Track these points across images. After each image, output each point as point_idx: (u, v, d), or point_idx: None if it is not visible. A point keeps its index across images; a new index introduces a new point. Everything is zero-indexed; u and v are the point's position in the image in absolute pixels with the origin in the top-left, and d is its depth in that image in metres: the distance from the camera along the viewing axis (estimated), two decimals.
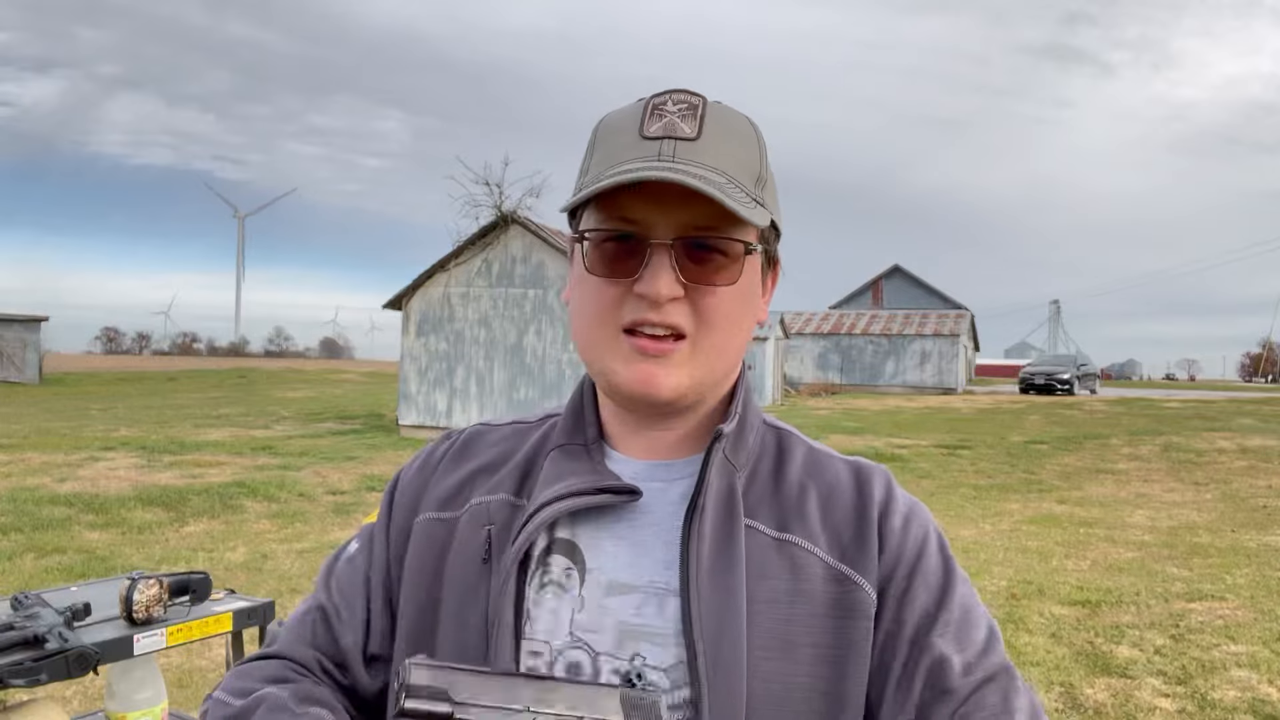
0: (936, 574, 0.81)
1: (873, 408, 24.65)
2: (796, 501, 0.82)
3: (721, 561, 0.77)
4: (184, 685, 4.46)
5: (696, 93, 0.80)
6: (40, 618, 1.88)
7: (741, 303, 0.81)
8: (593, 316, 0.80)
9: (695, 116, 0.78)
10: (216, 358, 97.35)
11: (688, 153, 0.76)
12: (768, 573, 0.78)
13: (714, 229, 0.77)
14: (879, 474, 0.87)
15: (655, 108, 0.79)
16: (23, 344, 31.20)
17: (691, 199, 0.74)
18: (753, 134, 0.83)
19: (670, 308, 0.76)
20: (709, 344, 0.79)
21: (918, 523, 0.83)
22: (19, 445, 13.29)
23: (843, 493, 0.84)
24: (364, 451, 13.97)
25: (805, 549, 0.80)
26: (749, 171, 0.80)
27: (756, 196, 0.79)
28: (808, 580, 0.78)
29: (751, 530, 0.80)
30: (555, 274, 16.51)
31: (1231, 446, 14.53)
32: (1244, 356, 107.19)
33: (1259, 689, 4.55)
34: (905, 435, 16.96)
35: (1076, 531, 8.63)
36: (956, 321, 38.15)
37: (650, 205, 0.76)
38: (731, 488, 0.81)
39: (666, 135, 0.77)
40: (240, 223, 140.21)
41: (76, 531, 8.00)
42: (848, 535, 0.81)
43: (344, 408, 23.37)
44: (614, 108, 0.85)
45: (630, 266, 0.77)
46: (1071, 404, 24.96)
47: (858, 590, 0.78)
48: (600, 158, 0.80)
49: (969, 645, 0.79)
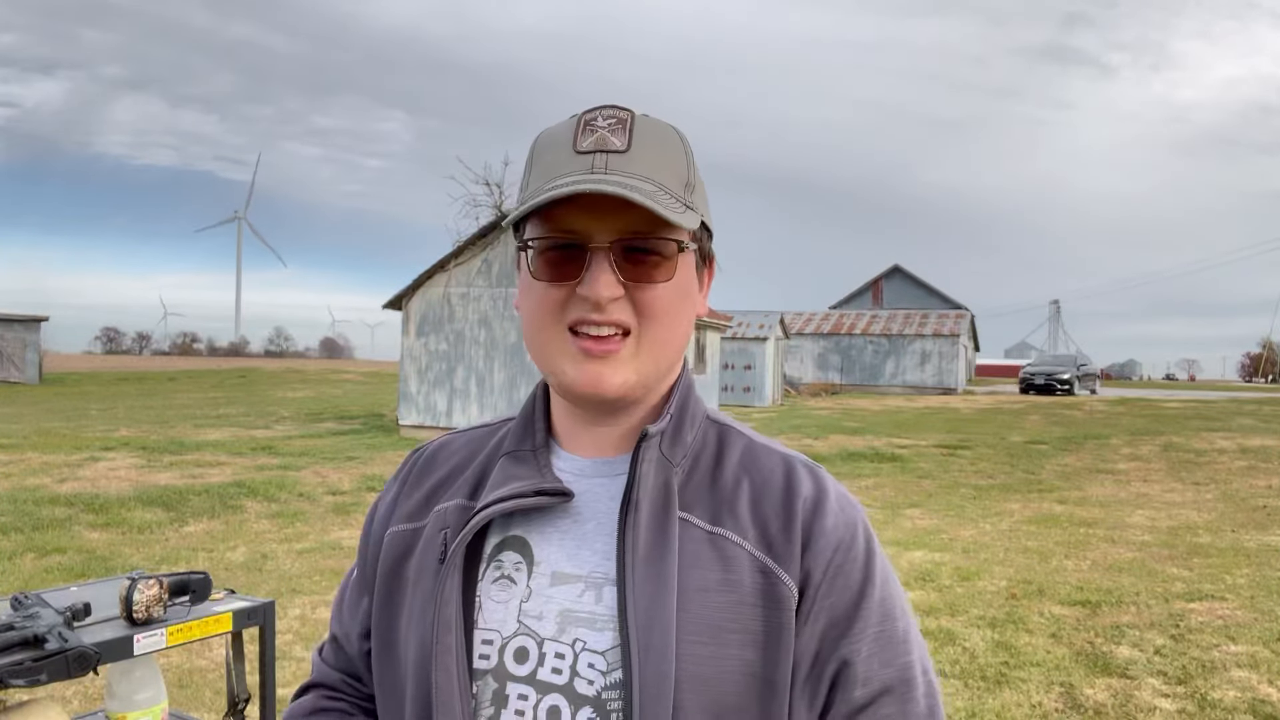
0: (856, 576, 0.84)
1: (873, 408, 24.65)
2: (730, 495, 0.87)
3: (655, 552, 0.82)
4: (184, 685, 4.46)
5: (625, 107, 0.86)
6: (40, 618, 1.88)
7: (679, 297, 0.86)
8: (540, 319, 0.86)
9: (625, 130, 0.84)
10: (216, 358, 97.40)
11: (619, 164, 0.82)
12: (699, 563, 0.82)
13: (648, 233, 0.82)
14: (809, 470, 0.90)
15: (587, 123, 0.85)
16: (23, 344, 31.20)
17: (625, 207, 0.79)
18: (679, 143, 0.88)
19: (612, 306, 0.82)
20: (651, 338, 0.85)
21: (843, 522, 0.86)
22: (19, 445, 13.29)
23: (773, 488, 0.87)
24: (364, 451, 13.96)
25: (734, 542, 0.84)
26: (677, 177, 0.85)
27: (686, 201, 0.85)
28: (736, 571, 0.82)
29: (685, 523, 0.84)
30: None
31: (1231, 446, 14.53)
32: (1244, 356, 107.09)
33: (1259, 689, 4.55)
34: (905, 435, 16.96)
35: (1076, 531, 8.63)
36: (956, 321, 38.14)
37: (587, 215, 0.81)
38: (667, 483, 0.86)
39: (598, 149, 0.82)
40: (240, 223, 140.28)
41: (76, 531, 8.00)
42: (774, 529, 0.84)
43: (344, 408, 23.37)
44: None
45: (572, 270, 0.82)
46: (1071, 404, 24.96)
47: (780, 584, 0.82)
48: (538, 172, 0.85)
49: (877, 653, 0.83)
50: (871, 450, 14.67)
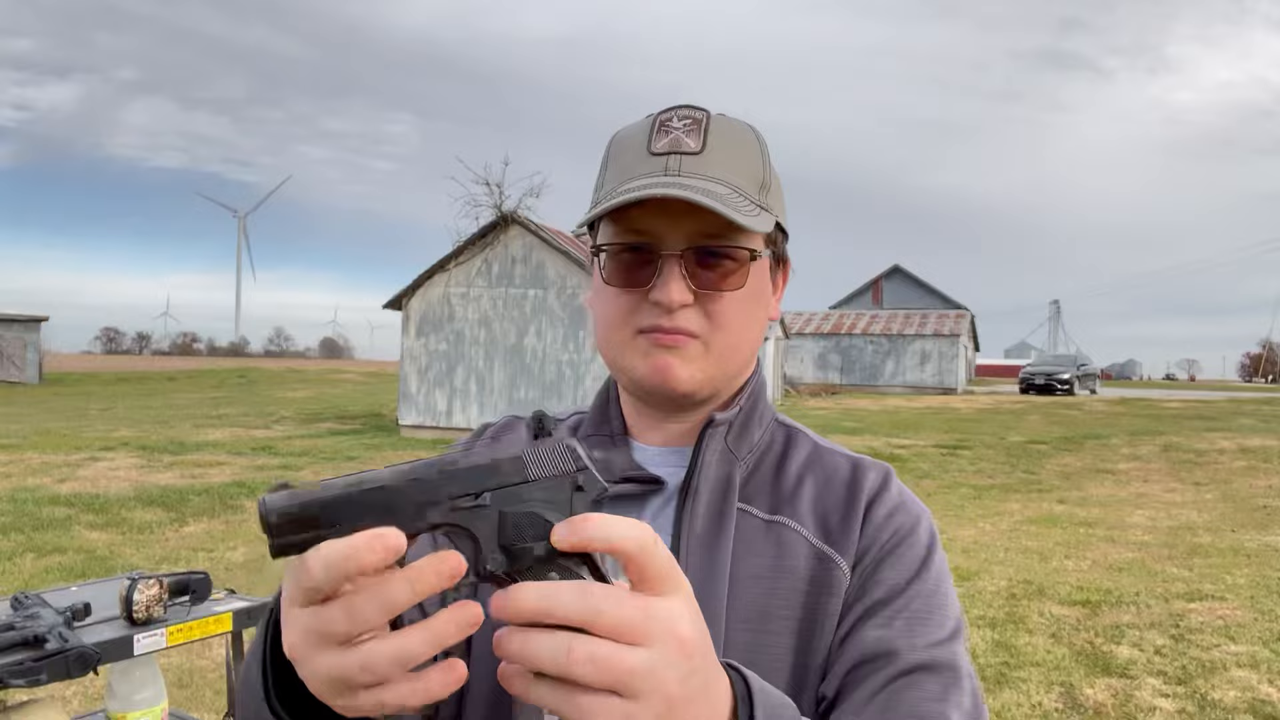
0: (909, 566, 0.82)
1: (873, 408, 24.65)
2: (792, 490, 0.87)
3: (710, 539, 0.82)
4: (184, 685, 4.46)
5: (700, 107, 0.85)
6: (40, 618, 1.88)
7: (750, 305, 0.86)
8: (612, 323, 0.86)
9: (699, 131, 0.83)
10: (216, 358, 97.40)
11: (693, 166, 0.81)
12: (754, 551, 0.82)
13: (720, 237, 0.82)
14: (878, 468, 0.89)
15: (662, 124, 0.84)
16: (23, 344, 31.19)
17: (698, 210, 0.78)
18: (755, 142, 0.87)
19: (682, 314, 0.82)
20: (720, 345, 0.84)
21: (905, 515, 0.85)
22: (19, 445, 13.29)
23: (837, 484, 0.87)
24: (364, 451, 13.96)
25: (793, 529, 0.84)
26: (753, 178, 0.85)
27: (761, 202, 0.84)
28: (792, 557, 0.82)
29: (744, 513, 0.85)
30: (555, 274, 16.51)
31: (1231, 446, 14.53)
32: (1244, 356, 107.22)
33: (1259, 689, 4.55)
34: (905, 435, 16.95)
35: (1076, 531, 8.63)
36: (956, 321, 38.14)
37: (660, 218, 0.81)
38: (729, 476, 0.86)
39: (672, 151, 0.82)
40: (241, 222, 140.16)
41: (76, 531, 8.00)
42: (835, 519, 0.84)
43: (344, 408, 23.36)
44: (624, 114, 0.92)
45: (644, 276, 0.82)
46: (1071, 404, 24.96)
47: (835, 569, 0.82)
48: (613, 174, 0.86)
49: (918, 636, 0.78)
50: (871, 450, 14.67)
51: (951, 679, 0.77)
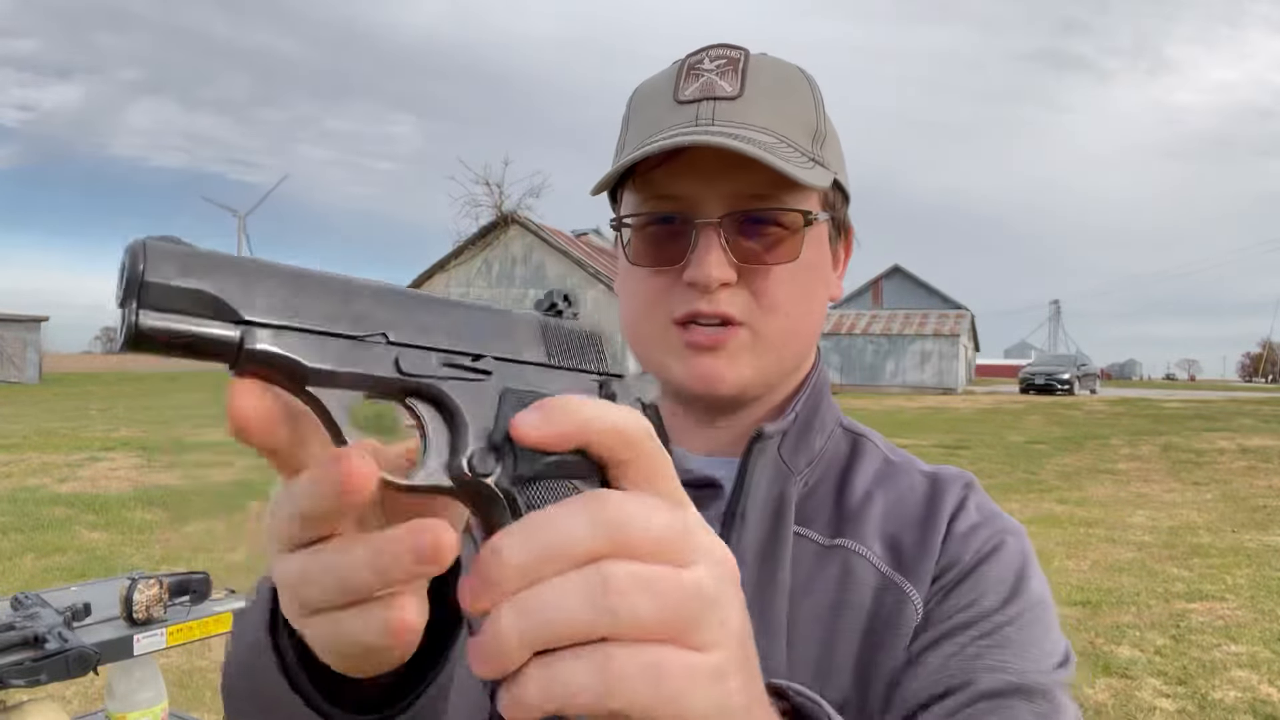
0: (996, 590, 0.68)
1: (873, 408, 24.64)
2: (858, 509, 0.73)
3: (762, 577, 0.68)
4: (184, 685, 4.46)
5: (738, 45, 0.71)
6: (40, 618, 1.88)
7: (806, 281, 0.71)
8: (640, 311, 0.72)
9: (736, 72, 0.69)
10: None
11: (729, 113, 0.67)
12: (814, 587, 0.69)
13: (767, 198, 0.67)
14: (958, 481, 0.76)
15: (691, 68, 0.70)
16: (23, 344, 31.19)
17: (738, 166, 0.64)
18: (805, 84, 0.73)
19: (723, 294, 0.67)
20: (772, 331, 0.70)
21: (990, 531, 0.71)
22: (19, 445, 13.29)
23: (913, 502, 0.73)
24: None
25: (858, 553, 0.70)
26: (804, 126, 0.70)
27: (814, 155, 0.70)
28: (856, 589, 0.69)
29: (800, 538, 0.71)
30: (555, 274, 16.52)
31: (1231, 446, 14.52)
32: (1244, 356, 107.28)
33: (1259, 689, 4.55)
34: (905, 435, 16.95)
35: (1076, 531, 8.62)
36: (956, 321, 38.15)
37: (692, 178, 0.67)
38: (783, 494, 0.72)
39: (704, 96, 0.68)
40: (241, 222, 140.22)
41: (76, 531, 8.00)
42: (909, 542, 0.71)
43: None
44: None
45: (676, 252, 0.68)
46: (1071, 404, 24.96)
47: (907, 603, 0.68)
48: (635, 131, 0.71)
49: (1010, 664, 0.64)
50: None
51: (1049, 709, 0.62)
